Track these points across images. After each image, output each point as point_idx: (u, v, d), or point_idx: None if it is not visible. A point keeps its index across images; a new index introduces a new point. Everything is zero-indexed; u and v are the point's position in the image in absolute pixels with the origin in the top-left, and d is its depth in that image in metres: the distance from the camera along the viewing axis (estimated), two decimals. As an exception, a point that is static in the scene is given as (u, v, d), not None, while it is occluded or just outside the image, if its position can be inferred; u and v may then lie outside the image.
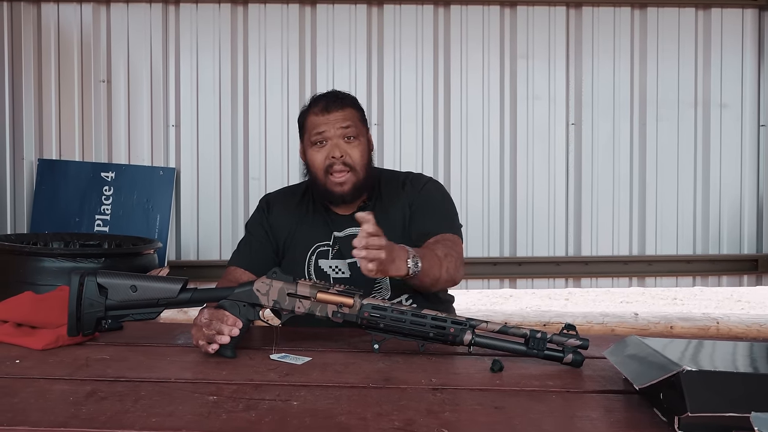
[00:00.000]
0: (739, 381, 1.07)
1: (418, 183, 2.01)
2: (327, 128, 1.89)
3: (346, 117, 1.91)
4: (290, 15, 3.98)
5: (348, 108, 1.93)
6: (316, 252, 1.95)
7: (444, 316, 1.50)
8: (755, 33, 4.11)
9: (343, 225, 1.95)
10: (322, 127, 1.89)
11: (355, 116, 1.93)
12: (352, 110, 1.94)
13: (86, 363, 1.44)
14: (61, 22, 3.95)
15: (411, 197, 1.97)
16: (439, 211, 1.97)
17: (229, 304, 1.53)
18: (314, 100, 1.96)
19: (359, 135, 1.92)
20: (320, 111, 1.91)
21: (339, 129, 1.89)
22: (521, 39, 4.05)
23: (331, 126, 1.89)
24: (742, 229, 4.16)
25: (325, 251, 1.94)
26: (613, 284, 4.24)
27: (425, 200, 1.97)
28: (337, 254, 1.94)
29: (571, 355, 1.45)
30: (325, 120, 1.90)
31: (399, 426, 1.10)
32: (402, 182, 2.01)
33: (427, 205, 1.97)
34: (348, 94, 1.99)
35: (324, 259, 1.94)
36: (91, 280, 1.51)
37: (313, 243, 1.95)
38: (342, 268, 1.93)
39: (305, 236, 1.96)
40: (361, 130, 1.94)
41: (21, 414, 1.14)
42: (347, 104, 1.94)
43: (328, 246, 1.95)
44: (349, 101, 1.96)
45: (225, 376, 1.36)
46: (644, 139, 4.10)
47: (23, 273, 2.91)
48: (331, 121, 1.89)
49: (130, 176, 3.91)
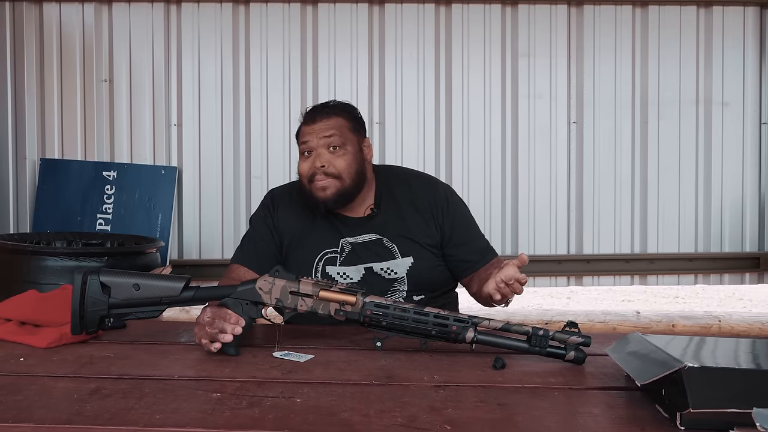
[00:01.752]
0: (740, 377, 1.08)
1: (449, 198, 2.01)
2: (311, 138, 1.88)
3: (331, 126, 1.88)
4: (292, 14, 3.99)
5: (335, 117, 1.90)
6: (324, 258, 1.93)
7: (446, 314, 1.51)
8: (757, 31, 4.11)
9: (355, 230, 1.94)
10: (307, 137, 1.89)
11: (342, 125, 1.90)
12: (340, 119, 1.90)
13: (90, 361, 1.45)
14: (63, 21, 3.95)
15: (437, 210, 1.96)
16: (474, 234, 2.02)
17: (232, 303, 1.53)
18: (306, 112, 1.95)
19: (346, 144, 1.88)
20: (308, 121, 1.91)
21: (322, 139, 1.87)
22: (522, 37, 4.05)
23: (315, 136, 1.87)
24: (743, 226, 4.16)
25: (332, 258, 1.93)
26: (614, 282, 4.24)
27: (459, 222, 1.98)
28: (345, 260, 1.92)
29: (573, 352, 1.45)
30: (310, 130, 1.89)
31: (402, 423, 1.10)
32: (426, 189, 2.00)
33: (462, 228, 1.98)
34: (341, 104, 1.96)
35: (332, 265, 1.92)
36: (94, 279, 1.52)
37: (320, 249, 1.93)
38: (350, 275, 1.91)
39: (312, 242, 1.94)
40: (349, 139, 1.90)
41: (25, 411, 1.14)
42: (334, 113, 1.91)
43: (336, 252, 1.93)
44: (338, 111, 1.92)
45: (228, 373, 1.36)
46: (646, 137, 4.10)
47: (27, 272, 2.92)
48: (315, 131, 1.88)
49: (131, 175, 3.92)
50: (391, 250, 1.91)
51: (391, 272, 1.90)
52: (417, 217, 1.95)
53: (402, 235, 1.92)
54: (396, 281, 1.90)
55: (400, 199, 1.97)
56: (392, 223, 1.94)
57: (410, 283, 1.91)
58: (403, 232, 1.92)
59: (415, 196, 1.98)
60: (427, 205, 1.96)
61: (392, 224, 1.94)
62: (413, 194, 1.98)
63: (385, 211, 1.95)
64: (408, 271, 1.90)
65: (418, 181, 2.05)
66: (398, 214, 1.95)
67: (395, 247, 1.91)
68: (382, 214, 1.94)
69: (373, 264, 1.90)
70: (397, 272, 1.90)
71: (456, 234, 1.96)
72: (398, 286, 1.91)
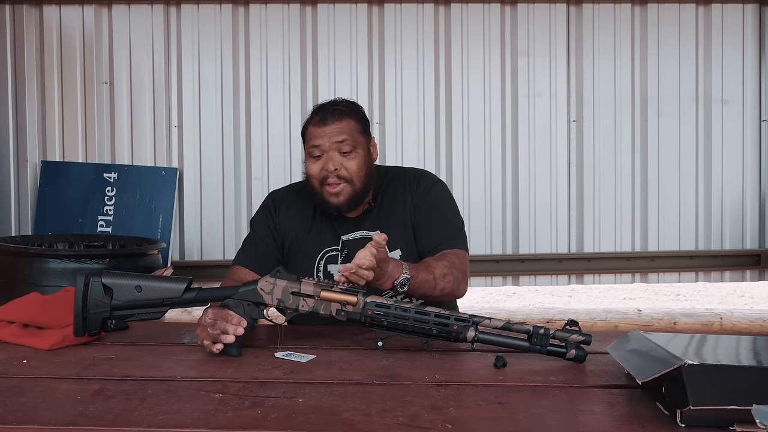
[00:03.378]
0: (740, 374, 1.08)
1: (425, 183, 1.99)
2: (322, 141, 1.86)
3: (343, 130, 1.87)
4: (291, 15, 4.00)
5: (345, 119, 1.89)
6: (326, 257, 1.94)
7: (447, 314, 1.51)
8: (756, 28, 4.12)
9: (350, 228, 1.95)
10: (318, 140, 1.87)
11: (353, 128, 1.89)
12: (351, 121, 1.89)
13: (93, 362, 1.45)
14: (63, 24, 3.96)
15: (418, 199, 1.96)
16: (446, 220, 1.96)
17: (234, 303, 1.54)
18: (314, 111, 1.94)
19: (356, 147, 1.88)
20: (318, 122, 1.89)
21: (334, 142, 1.86)
22: (522, 36, 4.06)
23: (327, 139, 1.86)
24: (744, 224, 4.16)
25: (333, 256, 1.94)
26: (615, 280, 4.24)
27: (432, 206, 1.95)
28: (346, 258, 1.93)
29: (574, 350, 1.45)
30: (321, 132, 1.87)
31: (403, 422, 1.11)
32: (409, 180, 2.00)
33: (434, 213, 1.95)
34: (350, 104, 1.95)
35: (333, 263, 1.93)
36: (96, 281, 1.52)
37: (321, 248, 1.95)
38: None
39: (313, 241, 1.95)
40: (360, 142, 1.90)
41: (29, 413, 1.15)
42: (345, 115, 1.89)
43: (337, 251, 1.94)
44: (349, 112, 1.91)
45: (230, 374, 1.37)
46: (645, 135, 4.11)
47: (29, 274, 2.92)
48: (327, 134, 1.86)
49: (132, 177, 3.92)
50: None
51: None
52: (403, 209, 1.96)
53: (391, 228, 1.91)
54: None
55: (392, 193, 1.99)
56: (384, 218, 1.95)
57: None
58: (392, 225, 1.93)
59: (403, 188, 1.98)
60: (409, 193, 1.97)
61: (383, 219, 1.95)
62: (403, 186, 1.99)
63: (379, 206, 1.96)
64: None
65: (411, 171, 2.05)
66: (389, 209, 1.96)
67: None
68: (377, 210, 1.96)
69: None
70: None
71: (418, 217, 1.94)
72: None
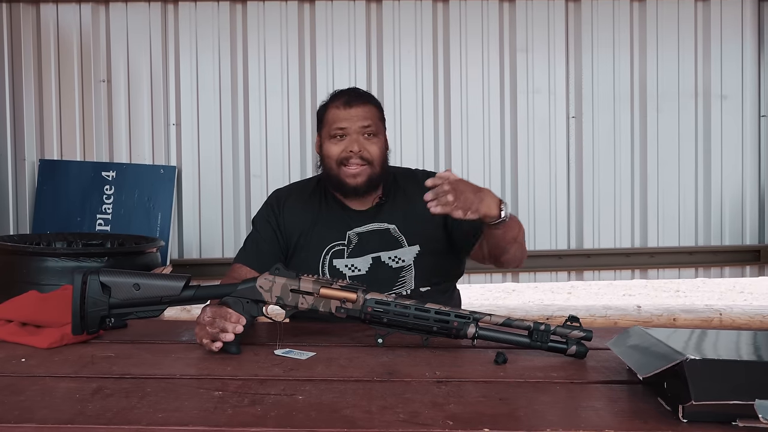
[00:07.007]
0: (742, 369, 1.08)
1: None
2: (348, 124, 1.88)
3: (367, 115, 1.90)
4: (289, 12, 3.99)
5: (369, 105, 1.93)
6: (331, 252, 1.93)
7: (447, 310, 1.51)
8: (755, 23, 4.11)
9: (363, 221, 1.94)
10: (343, 123, 1.89)
11: (375, 114, 1.93)
12: (373, 108, 1.94)
13: (91, 361, 1.45)
14: (61, 22, 3.95)
15: None
16: None
17: (233, 301, 1.53)
18: (336, 95, 1.96)
19: (378, 133, 1.92)
20: (342, 105, 1.90)
21: (359, 126, 1.89)
22: (520, 33, 4.05)
23: (353, 122, 1.88)
24: (743, 219, 4.16)
25: (339, 251, 1.93)
26: (615, 277, 4.24)
27: None
28: (352, 252, 1.92)
29: (575, 346, 1.45)
30: (346, 115, 1.89)
31: (404, 419, 1.10)
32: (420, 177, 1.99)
33: None
34: (369, 93, 2.00)
35: (339, 258, 1.93)
36: (94, 279, 1.52)
37: (327, 243, 1.94)
38: (358, 265, 1.91)
39: (319, 236, 1.94)
40: (381, 129, 1.94)
41: (28, 412, 1.14)
42: (369, 101, 1.94)
43: (343, 245, 1.93)
44: (371, 98, 1.97)
45: (230, 371, 1.36)
46: (645, 131, 4.10)
47: (27, 273, 2.92)
48: (352, 117, 1.89)
49: (130, 175, 3.92)
50: (399, 239, 1.93)
51: (399, 260, 1.91)
52: (423, 206, 1.95)
53: (409, 223, 1.93)
54: (403, 269, 1.91)
55: (407, 190, 1.99)
56: (400, 212, 1.95)
57: (417, 270, 1.91)
58: (411, 221, 1.93)
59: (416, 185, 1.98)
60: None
61: (400, 213, 1.95)
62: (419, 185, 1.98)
63: (392, 200, 1.96)
64: (415, 259, 1.91)
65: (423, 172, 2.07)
66: (405, 203, 1.96)
67: (403, 236, 1.92)
68: (390, 204, 1.95)
69: (381, 253, 1.91)
70: (405, 260, 1.91)
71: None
72: (405, 274, 1.91)
